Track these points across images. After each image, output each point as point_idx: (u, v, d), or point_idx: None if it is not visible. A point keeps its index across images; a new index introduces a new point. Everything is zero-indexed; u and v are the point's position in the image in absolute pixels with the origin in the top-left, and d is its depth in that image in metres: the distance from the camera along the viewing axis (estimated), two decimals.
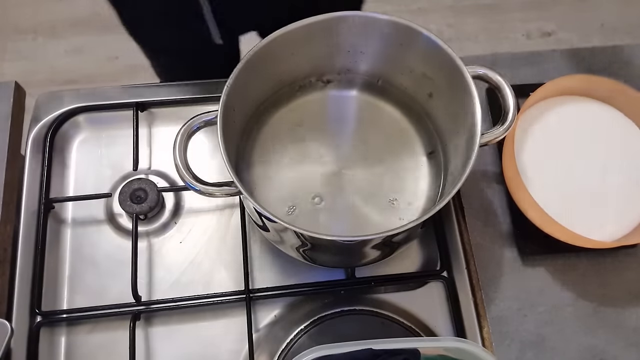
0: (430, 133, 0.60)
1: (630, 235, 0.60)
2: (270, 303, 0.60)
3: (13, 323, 0.57)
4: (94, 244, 0.63)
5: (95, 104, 0.68)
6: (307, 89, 0.62)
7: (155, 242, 0.63)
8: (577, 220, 0.58)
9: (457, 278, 0.61)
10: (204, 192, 0.48)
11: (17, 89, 0.68)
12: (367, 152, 0.59)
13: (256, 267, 0.62)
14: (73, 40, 1.71)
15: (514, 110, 0.51)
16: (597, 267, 0.62)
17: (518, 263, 0.62)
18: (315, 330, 0.59)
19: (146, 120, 0.69)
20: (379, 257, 0.57)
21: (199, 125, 0.50)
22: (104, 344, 0.59)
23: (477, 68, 0.52)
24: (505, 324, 0.59)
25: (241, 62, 0.51)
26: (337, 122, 0.61)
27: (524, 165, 0.59)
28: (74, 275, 0.61)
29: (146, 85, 0.70)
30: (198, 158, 0.67)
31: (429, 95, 0.59)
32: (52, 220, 0.63)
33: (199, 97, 0.69)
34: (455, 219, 0.64)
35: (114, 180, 0.66)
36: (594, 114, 0.65)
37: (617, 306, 0.60)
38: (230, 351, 0.58)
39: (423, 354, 0.48)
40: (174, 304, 0.59)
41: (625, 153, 0.63)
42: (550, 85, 0.62)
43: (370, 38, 0.56)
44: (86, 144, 0.68)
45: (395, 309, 0.60)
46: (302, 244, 0.53)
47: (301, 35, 0.54)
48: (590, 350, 0.59)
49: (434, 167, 0.59)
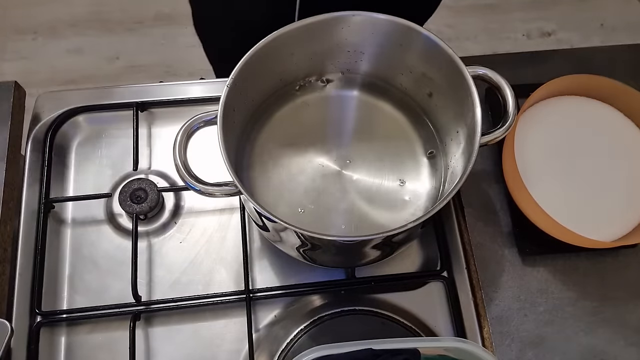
0: (430, 133, 0.60)
1: (630, 235, 0.60)
2: (270, 303, 0.60)
3: (13, 323, 0.57)
4: (94, 244, 0.63)
5: (95, 104, 0.68)
6: (307, 89, 0.62)
7: (155, 242, 0.63)
8: (577, 220, 0.58)
9: (457, 278, 0.61)
10: (204, 192, 0.48)
11: (17, 89, 0.68)
12: (367, 152, 0.59)
13: (256, 267, 0.62)
14: (73, 40, 1.71)
15: (514, 110, 0.51)
16: (597, 267, 0.62)
17: (518, 263, 0.62)
18: (315, 330, 0.59)
19: (146, 120, 0.69)
20: (379, 257, 0.57)
21: (199, 125, 0.50)
22: (104, 344, 0.59)
23: (477, 68, 0.52)
24: (506, 324, 0.59)
25: (241, 62, 0.51)
26: (337, 122, 0.61)
27: (524, 165, 0.59)
28: (74, 275, 0.61)
29: (146, 85, 0.70)
30: (198, 158, 0.67)
31: (428, 95, 0.59)
32: (52, 220, 0.63)
33: (199, 97, 0.69)
34: (455, 219, 0.64)
35: (114, 180, 0.66)
36: (594, 114, 0.65)
37: (617, 306, 0.60)
38: (230, 351, 0.58)
39: (423, 354, 0.48)
40: (174, 304, 0.59)
41: (625, 153, 0.63)
42: (550, 85, 0.62)
43: (370, 38, 0.56)
44: (86, 144, 0.68)
45: (395, 309, 0.60)
46: (302, 244, 0.53)
47: (301, 35, 0.54)
48: (590, 350, 0.59)
49: (434, 167, 0.59)
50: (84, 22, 1.74)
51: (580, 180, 0.61)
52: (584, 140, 0.63)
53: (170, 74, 1.65)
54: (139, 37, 1.72)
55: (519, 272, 0.62)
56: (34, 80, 1.63)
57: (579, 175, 0.61)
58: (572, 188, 0.61)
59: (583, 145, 0.63)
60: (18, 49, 1.70)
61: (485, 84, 0.53)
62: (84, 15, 1.74)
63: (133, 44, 1.71)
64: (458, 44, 1.73)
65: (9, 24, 1.73)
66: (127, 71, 1.67)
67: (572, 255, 0.62)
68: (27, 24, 1.73)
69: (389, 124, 0.61)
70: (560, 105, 0.65)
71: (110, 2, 1.76)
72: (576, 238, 0.56)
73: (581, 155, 0.62)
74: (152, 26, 1.71)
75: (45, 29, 1.73)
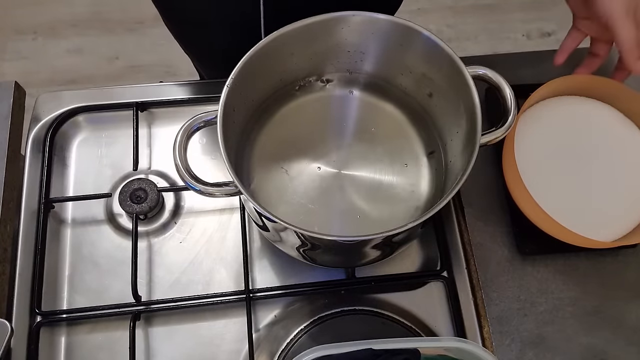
0: (430, 133, 0.60)
1: (630, 235, 0.60)
2: (270, 303, 0.60)
3: (13, 323, 0.57)
4: (94, 244, 0.63)
5: (95, 104, 0.68)
6: (307, 89, 0.62)
7: (155, 242, 0.63)
8: (577, 220, 0.58)
9: (457, 278, 0.61)
10: (204, 192, 0.48)
11: (17, 89, 0.68)
12: (367, 152, 0.59)
13: (256, 267, 0.62)
14: (73, 40, 1.72)
15: (514, 110, 0.51)
16: (597, 267, 0.62)
17: (518, 263, 0.62)
18: (315, 330, 0.59)
19: (146, 120, 0.69)
20: (379, 257, 0.57)
21: (199, 125, 0.50)
22: (104, 344, 0.59)
23: (477, 68, 0.52)
24: (506, 323, 0.59)
25: (241, 62, 0.51)
26: (337, 122, 0.61)
27: (524, 165, 0.59)
28: (74, 275, 0.61)
29: (146, 85, 0.70)
30: (198, 158, 0.67)
31: (428, 95, 0.59)
32: (52, 220, 0.63)
33: (199, 97, 0.69)
34: (455, 219, 0.64)
35: (114, 180, 0.66)
36: (594, 114, 0.65)
37: (617, 306, 0.60)
38: (230, 351, 0.58)
39: (423, 354, 0.48)
40: (174, 304, 0.59)
41: (625, 153, 0.63)
42: (550, 85, 0.62)
43: (370, 38, 0.56)
44: (86, 144, 0.68)
45: (395, 309, 0.60)
46: (302, 244, 0.53)
47: (301, 35, 0.54)
48: (590, 350, 0.59)
49: (434, 167, 0.59)
50: (84, 22, 1.74)
51: (580, 180, 0.61)
52: (584, 140, 0.63)
53: (170, 74, 1.65)
54: (139, 37, 1.72)
55: (519, 272, 0.62)
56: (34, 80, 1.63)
57: (579, 175, 0.61)
58: (572, 188, 0.61)
59: (583, 145, 0.63)
60: (18, 49, 1.70)
61: (485, 84, 0.53)
62: (84, 15, 1.74)
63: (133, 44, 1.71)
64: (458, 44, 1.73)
65: (9, 24, 1.73)
66: (127, 71, 1.67)
67: (572, 255, 0.62)
68: (27, 24, 1.73)
69: (389, 124, 0.61)
70: (560, 105, 0.65)
71: (110, 2, 1.76)
72: (576, 238, 0.56)
73: (581, 155, 0.62)
74: (152, 26, 1.71)
75: (45, 29, 1.73)
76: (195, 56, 0.88)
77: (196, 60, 0.90)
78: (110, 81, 1.63)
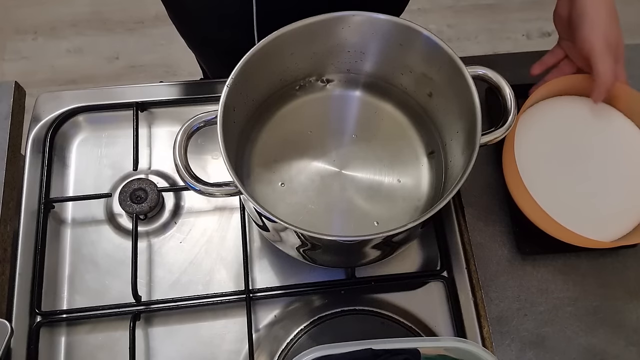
0: (430, 133, 0.60)
1: (630, 235, 0.60)
2: (270, 303, 0.60)
3: (13, 323, 0.57)
4: (94, 244, 0.63)
5: (95, 104, 0.68)
6: (307, 89, 0.62)
7: (155, 242, 0.63)
8: (577, 220, 0.58)
9: (457, 278, 0.61)
10: (204, 192, 0.48)
11: (17, 89, 0.68)
12: (367, 152, 0.59)
13: (256, 267, 0.62)
14: (73, 40, 1.71)
15: (514, 110, 0.51)
16: (597, 267, 0.62)
17: (518, 263, 0.62)
18: (315, 330, 0.59)
19: (146, 120, 0.69)
20: (379, 257, 0.57)
21: (199, 125, 0.50)
22: (104, 344, 0.59)
23: (477, 68, 0.52)
24: (505, 323, 0.59)
25: (241, 62, 0.51)
26: (337, 122, 0.61)
27: (524, 165, 0.59)
28: (74, 275, 0.61)
29: (146, 85, 0.70)
30: (198, 158, 0.67)
31: (429, 95, 0.59)
32: (52, 220, 0.63)
33: (199, 97, 0.69)
34: (455, 219, 0.64)
35: (114, 180, 0.66)
36: (594, 114, 0.65)
37: (617, 306, 0.60)
38: (230, 351, 0.58)
39: (423, 354, 0.48)
40: (174, 304, 0.59)
41: (625, 153, 0.63)
42: (550, 85, 0.62)
43: (370, 38, 0.56)
44: (86, 144, 0.68)
45: (395, 309, 0.60)
46: (302, 244, 0.53)
47: (301, 35, 0.54)
48: (590, 350, 0.59)
49: (434, 167, 0.59)
50: (84, 22, 1.74)
51: (580, 180, 0.61)
52: (584, 140, 0.63)
53: (170, 74, 1.65)
54: (139, 37, 1.72)
55: (519, 272, 0.62)
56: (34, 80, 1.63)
57: (579, 175, 0.61)
58: (572, 188, 0.61)
59: (583, 145, 0.63)
60: (18, 49, 1.70)
61: (485, 84, 0.53)
62: (84, 15, 1.74)
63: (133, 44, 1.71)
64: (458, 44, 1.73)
65: (9, 24, 1.73)
66: (127, 71, 1.67)
67: (572, 255, 0.62)
68: (27, 24, 1.73)
69: (389, 124, 0.61)
70: (560, 105, 0.65)
71: (110, 2, 1.76)
72: (576, 238, 0.56)
73: (581, 155, 0.62)
74: (152, 26, 1.71)
75: (45, 29, 1.73)
76: (192, 44, 0.88)
77: (195, 51, 0.90)
78: (110, 81, 1.63)
